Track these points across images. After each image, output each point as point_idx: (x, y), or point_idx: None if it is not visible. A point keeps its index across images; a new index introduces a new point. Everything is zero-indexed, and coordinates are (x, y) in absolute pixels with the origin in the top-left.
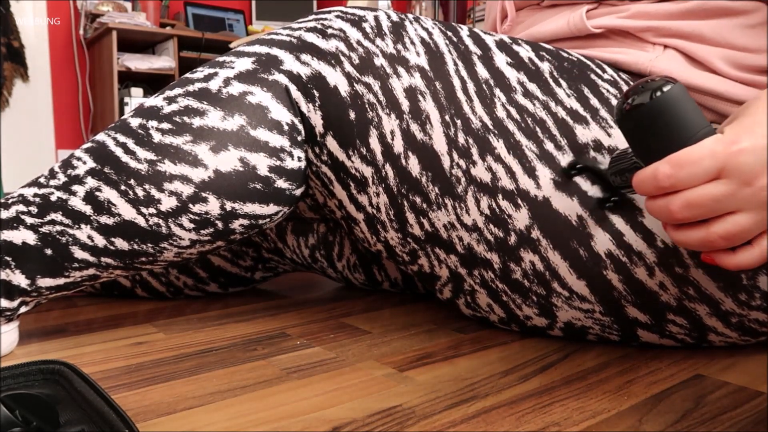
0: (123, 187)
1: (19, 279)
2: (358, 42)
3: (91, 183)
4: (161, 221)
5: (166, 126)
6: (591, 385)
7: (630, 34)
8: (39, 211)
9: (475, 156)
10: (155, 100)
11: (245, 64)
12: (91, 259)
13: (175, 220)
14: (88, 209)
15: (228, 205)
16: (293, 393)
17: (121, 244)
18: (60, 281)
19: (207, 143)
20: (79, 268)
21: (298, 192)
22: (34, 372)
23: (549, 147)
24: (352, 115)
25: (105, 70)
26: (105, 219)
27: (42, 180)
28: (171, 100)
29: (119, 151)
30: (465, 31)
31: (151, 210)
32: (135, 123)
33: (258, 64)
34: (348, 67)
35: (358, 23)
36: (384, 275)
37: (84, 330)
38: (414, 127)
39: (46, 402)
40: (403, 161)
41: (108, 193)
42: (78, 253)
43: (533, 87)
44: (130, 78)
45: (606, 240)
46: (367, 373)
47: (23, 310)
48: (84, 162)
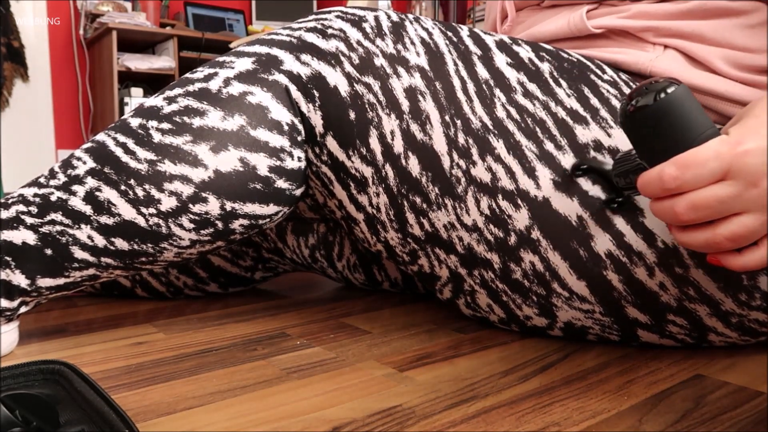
0: (123, 187)
1: (19, 279)
2: (358, 42)
3: (91, 183)
4: (161, 221)
5: (166, 126)
6: (591, 385)
7: (630, 34)
8: (39, 211)
9: (475, 156)
10: (155, 100)
11: (245, 64)
12: (91, 259)
13: (175, 220)
14: (88, 209)
15: (228, 205)
16: (293, 393)
17: (121, 244)
18: (60, 281)
19: (207, 143)
20: (79, 268)
21: (298, 192)
22: (34, 372)
23: (549, 147)
24: (352, 115)
25: (105, 70)
26: (105, 219)
27: (42, 180)
28: (171, 100)
29: (119, 151)
30: (465, 32)
31: (151, 210)
32: (135, 123)
33: (258, 64)
34: (348, 67)
35: (358, 23)
36: (384, 275)
37: (84, 330)
38: (414, 128)
39: (46, 402)
40: (403, 161)
41: (108, 193)
42: (78, 253)
43: (533, 87)
44: (130, 78)
45: (606, 240)
46: (367, 373)
47: (23, 310)
48: (84, 162)
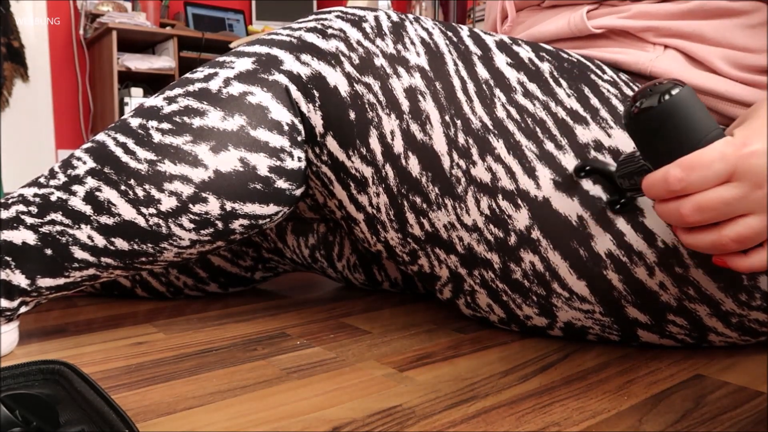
0: (123, 187)
1: (19, 279)
2: (358, 42)
3: (91, 183)
4: (161, 221)
5: (166, 126)
6: (591, 385)
7: (630, 34)
8: (39, 211)
9: (475, 156)
10: (155, 100)
11: (245, 64)
12: (91, 259)
13: (175, 220)
14: (88, 209)
15: (228, 205)
16: (293, 393)
17: (121, 244)
18: (60, 281)
19: (207, 143)
20: (79, 268)
21: (298, 192)
22: (34, 372)
23: (549, 147)
24: (352, 115)
25: (105, 70)
26: (105, 219)
27: (42, 180)
28: (171, 100)
29: (119, 151)
30: (465, 32)
31: (151, 210)
32: (135, 123)
33: (258, 64)
34: (348, 68)
35: (358, 23)
36: (384, 275)
37: (84, 330)
38: (414, 128)
39: (46, 402)
40: (403, 161)
41: (108, 193)
42: (78, 253)
43: (533, 87)
44: (130, 78)
45: (606, 240)
46: (367, 373)
47: (23, 310)
48: (84, 162)
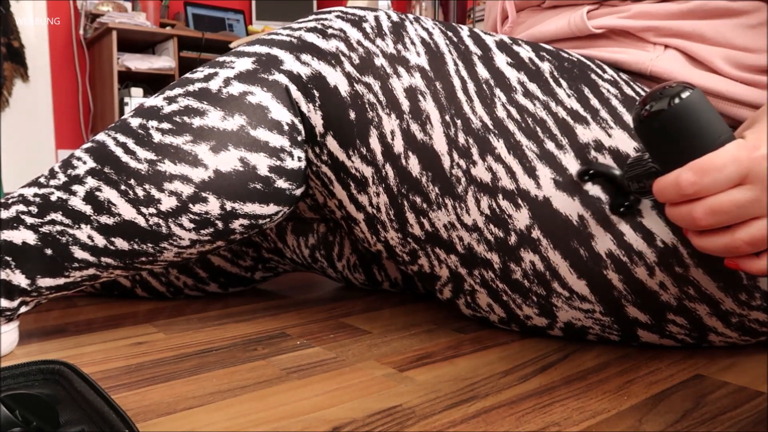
0: (123, 187)
1: (19, 279)
2: (358, 42)
3: (91, 183)
4: (161, 221)
5: (166, 126)
6: (591, 385)
7: (631, 34)
8: (39, 211)
9: (476, 156)
10: (155, 100)
11: (245, 64)
12: (91, 259)
13: (175, 220)
14: (88, 209)
15: (228, 205)
16: (293, 393)
17: (121, 244)
18: (60, 281)
19: (207, 143)
20: (79, 268)
21: (298, 192)
22: (34, 372)
23: (549, 147)
24: (352, 115)
25: (105, 70)
26: (105, 219)
27: (42, 180)
28: (171, 100)
29: (119, 151)
30: (465, 32)
31: (151, 210)
32: (135, 123)
33: (258, 64)
34: (348, 67)
35: (358, 23)
36: (384, 275)
37: (84, 330)
38: (414, 127)
39: (46, 402)
40: (404, 161)
41: (108, 193)
42: (78, 253)
43: (533, 87)
44: (130, 78)
45: (607, 240)
46: (367, 373)
47: (23, 310)
48: (84, 162)
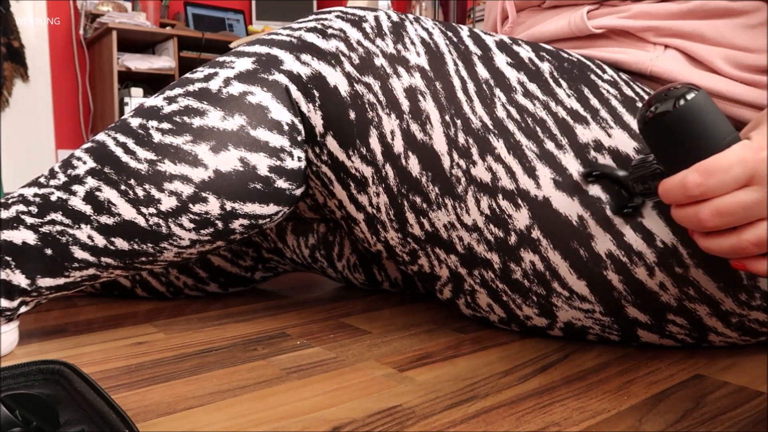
0: (123, 187)
1: (19, 279)
2: (358, 42)
3: (91, 183)
4: (161, 221)
5: (166, 126)
6: (591, 385)
7: (631, 34)
8: (39, 211)
9: (475, 156)
10: (155, 100)
11: (245, 64)
12: (91, 259)
13: (175, 220)
14: (88, 209)
15: (228, 205)
16: (293, 393)
17: (121, 244)
18: (60, 281)
19: (207, 143)
20: (79, 268)
21: (298, 192)
22: (34, 372)
23: (549, 147)
24: (352, 115)
25: (105, 70)
26: (105, 219)
27: (42, 180)
28: (171, 100)
29: (119, 151)
30: (465, 32)
31: (151, 210)
32: (135, 123)
33: (258, 64)
34: (348, 67)
35: (358, 23)
36: (384, 275)
37: (84, 330)
38: (414, 127)
39: (46, 402)
40: (403, 161)
41: (108, 193)
42: (78, 253)
43: (533, 87)
44: (130, 78)
45: (606, 240)
46: (367, 373)
47: (23, 310)
48: (84, 162)
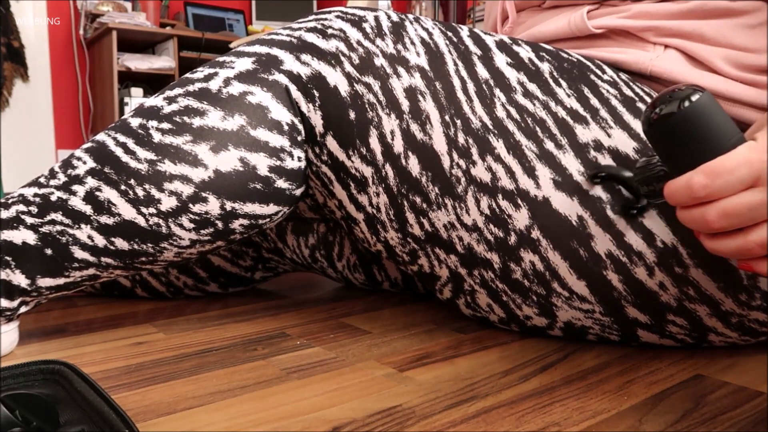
0: (123, 187)
1: (19, 279)
2: (358, 42)
3: (91, 183)
4: (161, 221)
5: (166, 126)
6: (591, 385)
7: (631, 34)
8: (39, 211)
9: (475, 156)
10: (155, 100)
11: (245, 64)
12: (91, 259)
13: (175, 220)
14: (88, 209)
15: (228, 205)
16: (293, 393)
17: (121, 244)
18: (60, 281)
19: (207, 143)
20: (79, 268)
21: (298, 192)
22: (34, 372)
23: (549, 147)
24: (352, 115)
25: (105, 70)
26: (105, 219)
27: (42, 180)
28: (171, 100)
29: (119, 151)
30: (465, 32)
31: (151, 210)
32: (135, 123)
33: (258, 64)
34: (348, 67)
35: (358, 23)
36: (384, 275)
37: (84, 330)
38: (414, 127)
39: (46, 402)
40: (403, 161)
41: (108, 193)
42: (78, 253)
43: (533, 87)
44: (130, 78)
45: (606, 240)
46: (367, 373)
47: (23, 310)
48: (84, 162)
